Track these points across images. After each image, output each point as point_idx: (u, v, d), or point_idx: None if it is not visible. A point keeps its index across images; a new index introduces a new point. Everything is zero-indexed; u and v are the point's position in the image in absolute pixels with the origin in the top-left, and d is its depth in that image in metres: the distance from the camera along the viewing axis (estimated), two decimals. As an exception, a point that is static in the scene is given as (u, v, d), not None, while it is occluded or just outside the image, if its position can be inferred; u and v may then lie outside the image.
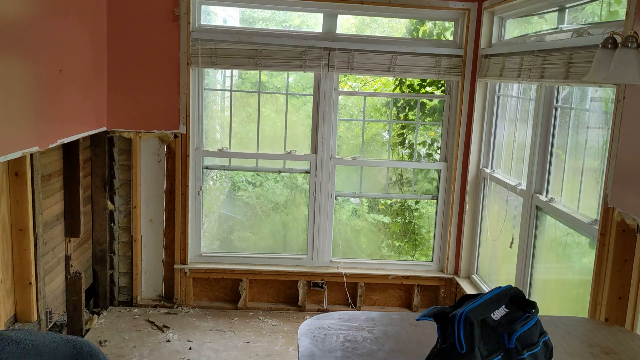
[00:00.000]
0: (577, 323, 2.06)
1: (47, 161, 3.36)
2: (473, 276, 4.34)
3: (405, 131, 4.97)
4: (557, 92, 3.25)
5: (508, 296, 1.46)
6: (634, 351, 1.80)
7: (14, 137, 2.63)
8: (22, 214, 2.98)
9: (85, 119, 3.62)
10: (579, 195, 3.04)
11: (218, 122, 4.69)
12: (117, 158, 4.12)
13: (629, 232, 2.41)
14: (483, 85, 4.20)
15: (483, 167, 4.24)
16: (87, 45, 3.58)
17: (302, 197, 4.76)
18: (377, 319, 1.96)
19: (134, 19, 3.93)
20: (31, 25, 2.75)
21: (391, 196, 4.90)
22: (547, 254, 3.38)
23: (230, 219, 4.87)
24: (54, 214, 3.51)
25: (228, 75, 4.65)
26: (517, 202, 3.65)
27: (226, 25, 4.61)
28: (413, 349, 1.72)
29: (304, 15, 4.73)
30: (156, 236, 4.26)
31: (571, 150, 3.15)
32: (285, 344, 3.88)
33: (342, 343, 1.73)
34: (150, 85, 4.02)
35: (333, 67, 4.14)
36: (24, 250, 3.02)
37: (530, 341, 1.42)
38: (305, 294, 4.39)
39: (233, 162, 4.47)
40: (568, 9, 3.25)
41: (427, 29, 4.76)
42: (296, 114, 4.66)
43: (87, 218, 3.97)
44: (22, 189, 2.95)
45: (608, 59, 2.03)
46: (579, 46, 2.81)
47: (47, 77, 2.96)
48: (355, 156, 4.47)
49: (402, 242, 4.99)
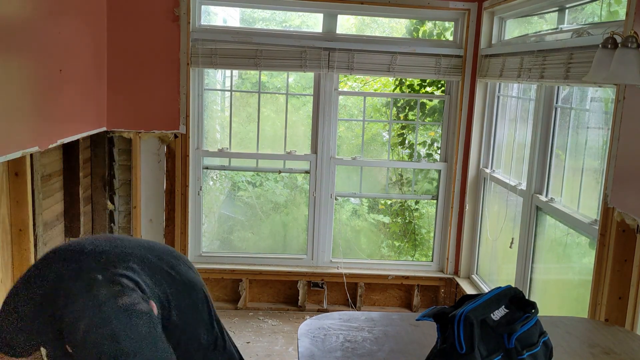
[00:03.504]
0: (577, 323, 2.06)
1: (47, 161, 3.36)
2: (473, 276, 4.34)
3: (405, 131, 4.97)
4: (557, 92, 3.25)
5: (508, 296, 1.46)
6: (634, 351, 1.80)
7: (14, 137, 2.62)
8: (22, 214, 2.97)
9: (85, 119, 3.62)
10: (579, 196, 3.04)
11: (218, 122, 4.69)
12: (117, 158, 4.12)
13: (629, 232, 2.41)
14: (483, 85, 4.20)
15: (483, 167, 4.24)
16: (87, 45, 3.58)
17: (302, 197, 4.76)
18: (377, 319, 1.96)
19: (134, 19, 3.93)
20: (31, 25, 2.75)
21: (391, 196, 4.90)
22: (547, 254, 3.38)
23: (230, 219, 4.87)
24: (54, 214, 3.51)
25: (228, 75, 4.66)
26: (517, 202, 3.65)
27: (226, 25, 4.61)
28: (413, 349, 1.72)
29: (304, 15, 4.74)
30: (156, 236, 4.26)
31: (571, 150, 3.15)
32: (285, 344, 3.88)
33: (342, 343, 1.73)
34: (150, 85, 4.02)
35: (333, 67, 4.13)
36: (24, 250, 3.02)
37: (530, 341, 1.42)
38: (305, 294, 4.39)
39: (233, 162, 4.47)
40: (568, 9, 3.25)
41: (427, 29, 4.76)
42: (296, 114, 4.66)
43: (87, 218, 3.97)
44: (22, 189, 2.95)
45: (608, 59, 2.03)
46: (579, 46, 2.81)
47: (47, 77, 2.96)
48: (355, 156, 4.47)
49: (402, 242, 4.99)
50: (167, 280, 1.23)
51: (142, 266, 1.19)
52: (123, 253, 1.20)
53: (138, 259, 1.21)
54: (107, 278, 1.09)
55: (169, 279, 1.24)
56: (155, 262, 1.24)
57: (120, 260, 1.16)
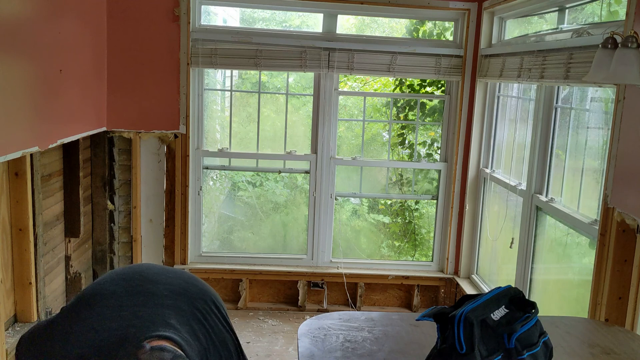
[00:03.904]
0: (577, 323, 2.06)
1: (47, 161, 3.36)
2: (473, 276, 4.34)
3: (405, 131, 4.97)
4: (557, 92, 3.25)
5: (508, 296, 1.46)
6: (634, 351, 1.80)
7: (14, 137, 2.62)
8: (22, 214, 2.98)
9: (85, 119, 3.62)
10: (579, 196, 3.04)
11: (218, 122, 4.69)
12: (117, 158, 4.12)
13: (629, 232, 2.41)
14: (483, 85, 4.20)
15: (483, 167, 4.24)
16: (87, 45, 3.58)
17: (302, 197, 4.75)
18: (377, 319, 1.96)
19: (134, 19, 3.93)
20: (31, 25, 2.75)
21: (391, 196, 4.90)
22: (547, 254, 3.38)
23: (230, 219, 4.87)
24: (54, 214, 3.51)
25: (228, 75, 4.66)
26: (517, 202, 3.65)
27: (226, 25, 4.61)
28: (413, 349, 1.71)
29: (304, 15, 4.73)
30: (156, 236, 4.26)
31: (571, 150, 3.15)
32: (285, 344, 3.88)
33: (342, 343, 1.73)
34: (150, 85, 4.02)
35: (333, 67, 4.13)
36: (24, 250, 3.02)
37: (530, 341, 1.42)
38: (305, 294, 4.39)
39: (233, 162, 4.47)
40: (568, 9, 3.25)
41: (427, 29, 4.76)
42: (296, 114, 4.66)
43: (87, 218, 3.97)
44: (22, 189, 2.95)
45: (608, 59, 2.03)
46: (579, 46, 2.81)
47: (47, 77, 2.96)
48: (355, 156, 4.47)
49: (402, 242, 4.99)
50: (202, 332, 1.19)
51: (180, 321, 1.14)
52: (159, 305, 1.14)
53: (174, 312, 1.15)
54: (153, 347, 1.03)
55: (203, 330, 1.20)
56: (190, 313, 1.19)
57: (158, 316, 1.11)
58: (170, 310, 1.15)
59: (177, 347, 1.06)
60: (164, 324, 1.10)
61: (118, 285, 1.17)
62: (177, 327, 1.11)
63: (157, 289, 1.18)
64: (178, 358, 1.02)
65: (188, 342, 1.11)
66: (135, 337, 1.05)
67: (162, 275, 1.25)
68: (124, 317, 1.10)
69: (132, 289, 1.16)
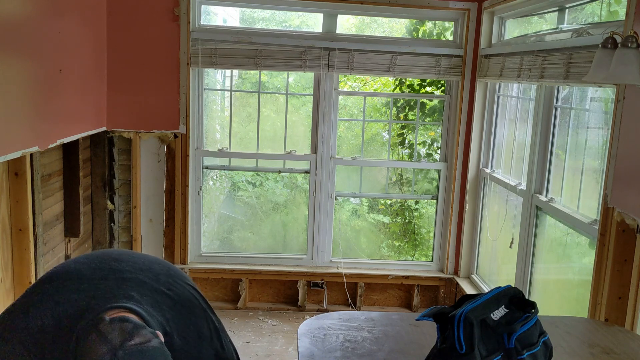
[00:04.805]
0: (577, 323, 2.06)
1: (47, 161, 3.36)
2: (473, 276, 4.34)
3: (405, 131, 4.97)
4: (557, 92, 3.25)
5: (508, 296, 1.46)
6: (634, 351, 1.80)
7: (13, 137, 2.62)
8: (22, 214, 2.98)
9: (85, 119, 3.62)
10: (578, 195, 3.04)
11: (218, 122, 4.69)
12: (117, 158, 4.12)
13: (629, 232, 2.41)
14: (483, 85, 4.20)
15: (483, 167, 4.24)
16: (87, 45, 3.58)
17: (302, 197, 4.75)
18: (377, 319, 1.96)
19: (134, 19, 3.93)
20: (31, 25, 2.75)
21: (391, 196, 4.90)
22: (547, 254, 3.38)
23: (230, 219, 4.87)
24: (54, 214, 3.51)
25: (228, 75, 4.66)
26: (517, 202, 3.65)
27: (226, 25, 4.61)
28: (413, 349, 1.71)
29: (304, 15, 4.73)
30: (156, 236, 4.26)
31: (571, 150, 3.15)
32: (285, 344, 3.88)
33: (342, 343, 1.73)
34: (150, 85, 4.02)
35: (333, 67, 4.13)
36: (24, 250, 3.02)
37: (530, 341, 1.42)
38: (305, 294, 4.39)
39: (233, 162, 4.47)
40: (568, 9, 3.25)
41: (427, 29, 4.76)
42: (296, 114, 4.66)
43: (87, 218, 3.97)
44: (22, 189, 2.95)
45: (608, 59, 2.04)
46: (579, 46, 2.81)
47: (47, 77, 2.96)
48: (355, 156, 4.47)
49: (402, 242, 4.99)
50: (167, 304, 1.20)
51: (142, 293, 1.15)
52: (121, 279, 1.16)
53: (136, 284, 1.17)
54: (113, 319, 1.04)
55: (168, 302, 1.21)
56: (153, 286, 1.20)
57: (119, 288, 1.13)
58: (132, 282, 1.16)
59: (138, 318, 1.07)
60: (125, 295, 1.12)
61: (81, 264, 1.19)
62: (138, 299, 1.13)
63: (120, 266, 1.20)
64: (139, 328, 1.03)
65: (150, 313, 1.12)
66: (96, 307, 1.07)
67: (127, 255, 1.28)
68: (85, 290, 1.11)
69: (95, 265, 1.18)
